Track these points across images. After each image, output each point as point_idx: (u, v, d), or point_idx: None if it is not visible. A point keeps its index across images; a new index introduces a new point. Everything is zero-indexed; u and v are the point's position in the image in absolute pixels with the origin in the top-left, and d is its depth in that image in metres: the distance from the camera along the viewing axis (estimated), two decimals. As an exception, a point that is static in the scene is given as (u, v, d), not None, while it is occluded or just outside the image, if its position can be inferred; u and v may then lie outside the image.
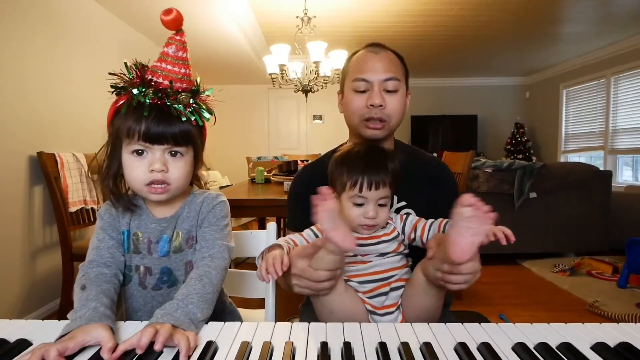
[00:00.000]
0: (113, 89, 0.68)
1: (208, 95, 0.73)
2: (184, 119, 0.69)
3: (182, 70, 0.70)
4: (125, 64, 0.67)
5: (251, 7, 3.43)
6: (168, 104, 0.67)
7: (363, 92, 0.88)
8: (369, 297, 0.74)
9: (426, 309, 0.72)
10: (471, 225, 0.59)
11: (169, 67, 0.68)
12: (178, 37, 0.69)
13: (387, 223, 0.79)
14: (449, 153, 2.56)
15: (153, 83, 0.68)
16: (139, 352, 0.51)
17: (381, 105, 0.86)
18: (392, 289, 0.74)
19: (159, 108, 0.67)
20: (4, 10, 2.00)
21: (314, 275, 0.65)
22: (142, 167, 0.69)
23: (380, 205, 0.75)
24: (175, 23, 0.68)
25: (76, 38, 2.59)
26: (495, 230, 0.63)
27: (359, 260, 0.77)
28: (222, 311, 0.89)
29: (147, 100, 0.66)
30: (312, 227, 0.83)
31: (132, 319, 0.64)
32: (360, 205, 0.75)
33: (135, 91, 0.66)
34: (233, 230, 0.84)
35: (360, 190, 0.74)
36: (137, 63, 0.68)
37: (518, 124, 5.79)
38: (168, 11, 0.67)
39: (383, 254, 0.77)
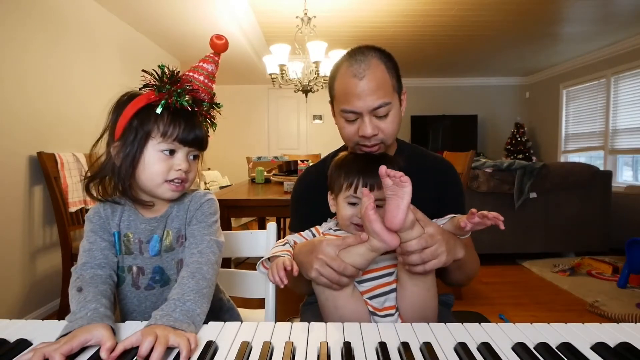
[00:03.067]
0: (150, 87, 0.72)
1: (219, 109, 0.80)
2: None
3: (210, 84, 0.78)
4: (162, 66, 0.72)
5: (251, 7, 3.43)
6: (198, 111, 0.75)
7: (353, 120, 0.84)
8: (370, 298, 0.74)
9: (418, 298, 0.72)
10: (391, 192, 0.63)
11: (201, 78, 0.76)
12: (217, 58, 0.79)
13: None
14: (449, 153, 2.56)
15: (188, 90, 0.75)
16: None
17: (374, 134, 0.83)
18: (392, 290, 0.74)
19: (191, 114, 0.74)
20: (4, 10, 2.00)
21: (341, 267, 0.66)
22: (168, 165, 0.74)
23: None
24: (224, 47, 0.79)
25: (76, 38, 2.59)
26: (485, 213, 0.65)
27: None
28: (220, 309, 0.89)
29: (186, 104, 0.72)
30: (312, 229, 0.84)
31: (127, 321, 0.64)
32: (354, 205, 0.76)
33: (176, 95, 0.72)
34: (233, 230, 0.85)
35: (355, 191, 0.75)
36: (174, 69, 0.74)
37: (518, 124, 5.79)
38: (220, 37, 0.78)
39: None
